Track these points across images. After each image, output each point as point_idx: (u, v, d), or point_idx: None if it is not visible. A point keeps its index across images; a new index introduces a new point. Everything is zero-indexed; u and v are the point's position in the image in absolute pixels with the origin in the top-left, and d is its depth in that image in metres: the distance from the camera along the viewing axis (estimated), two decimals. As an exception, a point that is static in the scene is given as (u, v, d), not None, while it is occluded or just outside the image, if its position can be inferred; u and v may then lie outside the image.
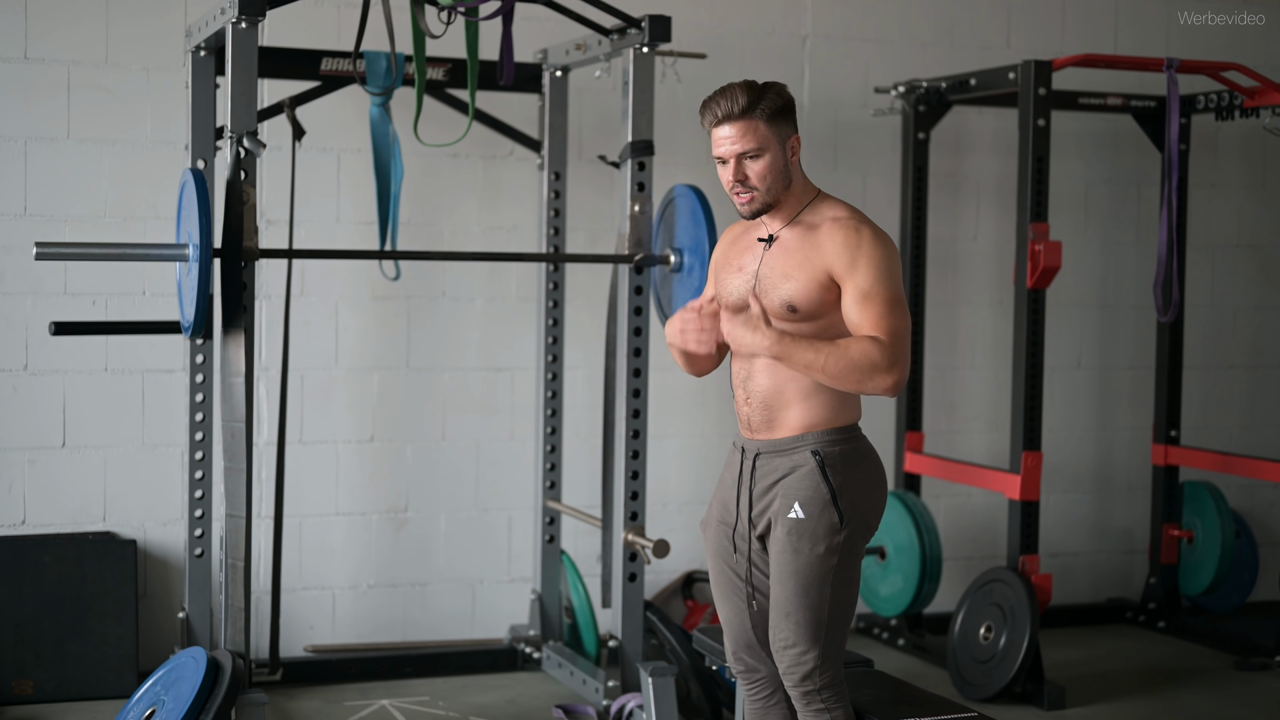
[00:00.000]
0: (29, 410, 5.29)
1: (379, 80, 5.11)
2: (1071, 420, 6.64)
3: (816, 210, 3.47)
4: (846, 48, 6.24)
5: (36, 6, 5.23)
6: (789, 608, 3.42)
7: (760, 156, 3.38)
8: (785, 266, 3.42)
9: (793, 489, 3.42)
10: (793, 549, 3.40)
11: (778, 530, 3.43)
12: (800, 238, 3.43)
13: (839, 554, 3.40)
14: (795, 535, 3.39)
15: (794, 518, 3.40)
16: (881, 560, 5.99)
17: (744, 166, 3.39)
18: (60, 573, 5.16)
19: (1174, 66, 5.50)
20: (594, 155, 5.67)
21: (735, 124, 3.37)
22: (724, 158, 3.41)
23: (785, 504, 3.42)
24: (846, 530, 3.40)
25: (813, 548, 3.39)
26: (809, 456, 3.41)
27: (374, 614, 5.73)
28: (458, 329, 5.77)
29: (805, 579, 3.40)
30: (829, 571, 3.40)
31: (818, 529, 3.38)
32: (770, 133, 3.38)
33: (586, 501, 5.81)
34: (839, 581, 3.42)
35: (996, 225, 6.45)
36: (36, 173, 5.26)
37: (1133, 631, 6.36)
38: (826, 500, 3.39)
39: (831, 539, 3.39)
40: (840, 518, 3.39)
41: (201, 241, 4.22)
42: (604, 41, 4.90)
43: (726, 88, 3.40)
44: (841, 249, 3.37)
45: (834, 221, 3.42)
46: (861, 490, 3.44)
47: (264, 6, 4.30)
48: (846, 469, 3.41)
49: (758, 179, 3.40)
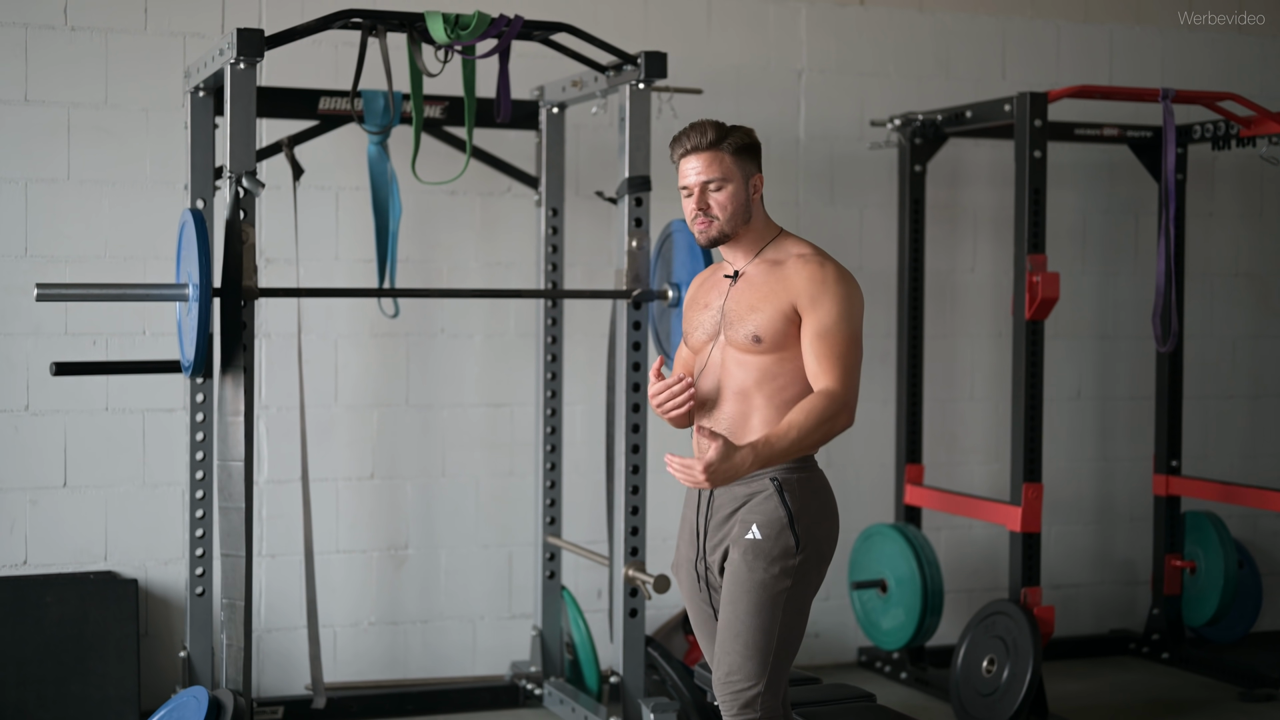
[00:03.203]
0: (30, 450, 5.30)
1: (377, 119, 5.14)
2: (1072, 451, 6.63)
3: (780, 247, 3.59)
4: (842, 81, 6.26)
5: (37, 49, 5.26)
6: (739, 628, 3.44)
7: (723, 187, 3.51)
8: (751, 300, 3.52)
9: (751, 513, 3.47)
10: (747, 568, 3.44)
11: (734, 553, 3.48)
12: (765, 273, 3.54)
13: (793, 578, 3.44)
14: (751, 555, 3.44)
15: (751, 539, 3.45)
16: (883, 593, 5.98)
17: (707, 195, 3.53)
18: (61, 613, 5.16)
19: (1169, 97, 5.52)
20: (591, 191, 5.69)
21: (702, 155, 3.52)
22: (689, 188, 3.54)
23: (743, 528, 3.47)
24: (801, 555, 3.45)
25: (767, 567, 3.43)
26: (768, 483, 3.47)
27: (375, 651, 5.72)
28: (457, 365, 5.78)
29: (758, 599, 3.43)
30: (781, 594, 3.44)
31: (774, 550, 3.44)
32: (735, 166, 3.52)
33: (587, 537, 5.80)
34: (790, 609, 3.45)
35: (994, 257, 6.47)
36: (37, 214, 5.28)
37: (1136, 663, 6.34)
38: (784, 523, 3.45)
39: (786, 561, 3.44)
40: (796, 541, 3.45)
41: (201, 281, 4.24)
42: (600, 78, 4.93)
43: (696, 123, 3.55)
44: (807, 283, 3.48)
45: (799, 258, 3.54)
46: (817, 518, 3.50)
47: (262, 47, 4.33)
48: (804, 495, 3.48)
49: (719, 208, 3.52)
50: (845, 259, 6.08)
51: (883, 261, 6.29)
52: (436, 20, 4.46)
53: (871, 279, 6.26)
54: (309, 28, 4.44)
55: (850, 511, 6.25)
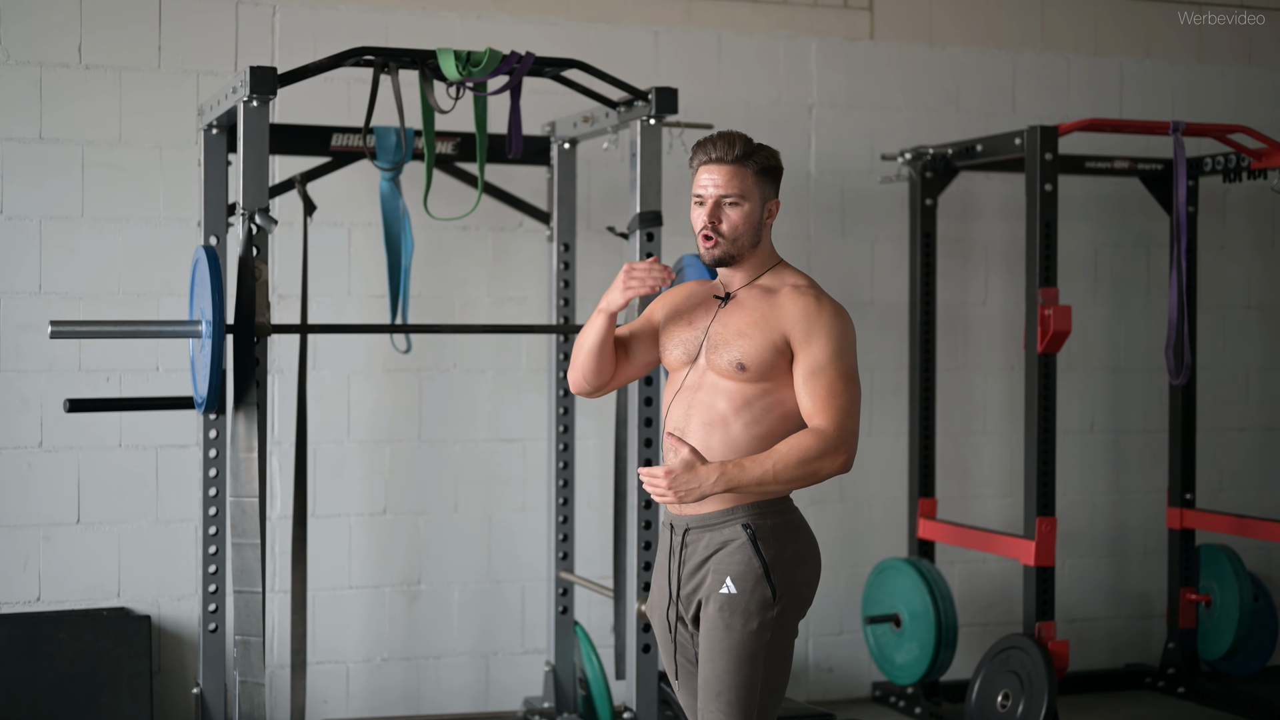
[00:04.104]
0: (43, 487, 5.31)
1: (389, 155, 5.15)
2: (1085, 484, 6.61)
3: (777, 275, 3.46)
4: (852, 116, 6.28)
5: (51, 87, 5.29)
6: (720, 687, 3.32)
7: (740, 205, 3.39)
8: (740, 325, 3.39)
9: (724, 564, 3.35)
10: (724, 625, 3.32)
11: (709, 608, 3.36)
12: (758, 299, 3.42)
13: (772, 630, 3.33)
14: (728, 611, 3.32)
15: (726, 593, 3.33)
16: (897, 628, 5.96)
17: (721, 210, 3.40)
18: (75, 649, 5.16)
19: (1180, 130, 5.53)
20: (603, 226, 5.71)
21: (725, 167, 3.39)
22: (704, 198, 3.41)
23: (717, 580, 3.35)
24: (779, 605, 3.33)
25: (745, 624, 3.31)
26: (740, 530, 3.35)
27: (388, 687, 5.71)
28: (469, 400, 5.79)
29: (737, 656, 3.31)
30: (761, 648, 3.32)
31: (750, 604, 3.31)
32: (755, 185, 3.40)
33: (600, 572, 5.79)
34: (771, 658, 3.34)
35: (1006, 290, 6.46)
36: (51, 251, 5.30)
37: (1152, 697, 6.31)
38: (759, 575, 3.32)
39: (764, 614, 3.32)
40: (773, 592, 3.32)
41: (214, 318, 4.25)
42: (611, 114, 4.94)
43: (725, 133, 3.42)
44: (800, 316, 3.36)
45: (794, 289, 3.41)
46: (794, 563, 3.37)
47: (275, 85, 4.34)
48: (779, 542, 3.35)
49: (729, 227, 3.39)
50: (857, 292, 6.19)
51: (894, 295, 6.29)
52: (448, 57, 4.48)
53: (883, 312, 6.26)
54: (321, 65, 4.46)
55: (863, 545, 6.24)
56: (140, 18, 5.40)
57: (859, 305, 6.14)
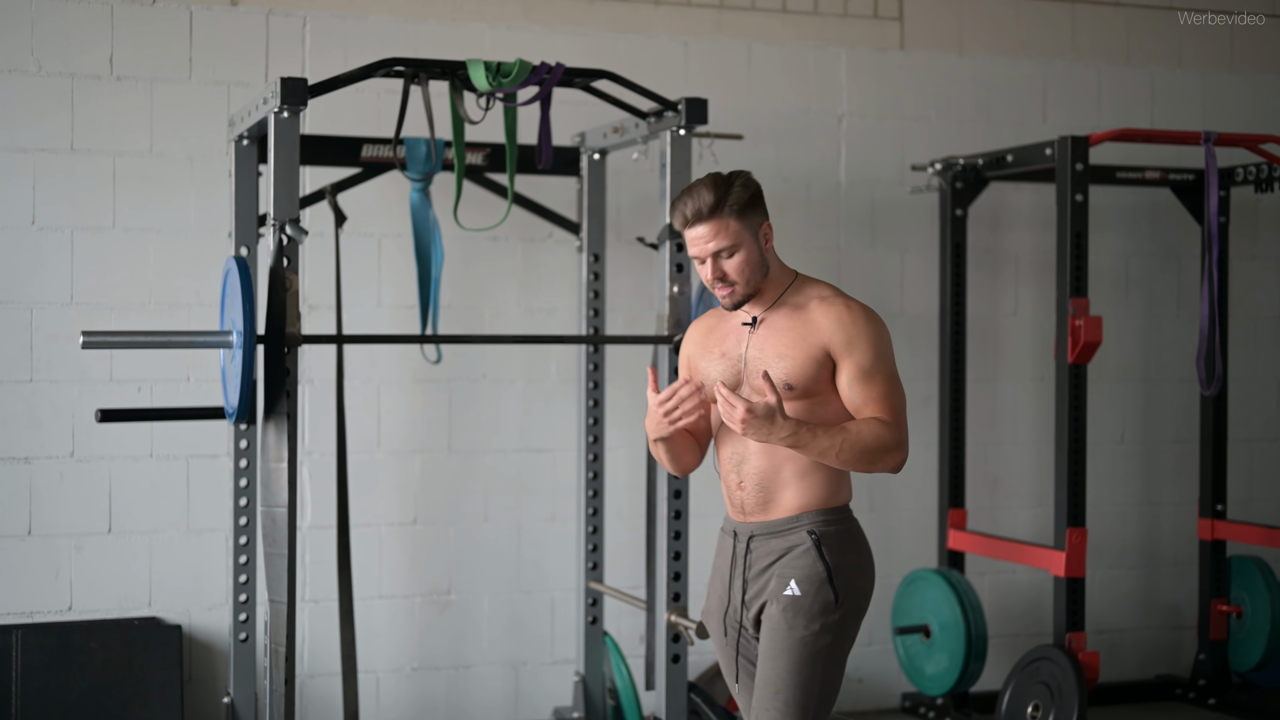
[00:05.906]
0: (75, 497, 5.33)
1: (419, 166, 5.16)
2: (1116, 495, 6.59)
3: (800, 291, 3.50)
4: (883, 126, 6.27)
5: (83, 98, 5.32)
6: (779, 684, 3.41)
7: (735, 253, 3.42)
8: (778, 347, 3.44)
9: (789, 568, 3.44)
10: (787, 625, 3.41)
11: (772, 609, 3.45)
12: (789, 317, 3.46)
13: (833, 633, 3.42)
14: (791, 612, 3.41)
15: (790, 595, 3.42)
16: (926, 639, 5.94)
17: (720, 264, 3.43)
18: (106, 659, 5.17)
19: (1212, 139, 5.50)
20: (632, 237, 5.71)
21: (706, 224, 3.40)
22: (700, 257, 3.44)
23: (781, 583, 3.44)
24: (841, 610, 3.43)
25: (808, 624, 3.40)
26: (805, 536, 3.44)
27: (417, 697, 5.71)
28: (499, 411, 5.79)
29: (797, 656, 3.40)
30: (821, 650, 3.41)
31: (813, 606, 3.41)
32: (741, 227, 3.41)
33: (629, 582, 5.79)
34: (830, 663, 3.43)
35: (1036, 300, 6.44)
36: (83, 261, 5.33)
37: (1183, 709, 6.28)
38: (823, 579, 3.42)
39: (826, 617, 3.41)
40: (836, 596, 3.42)
41: (245, 328, 4.26)
42: (641, 124, 4.94)
43: (693, 187, 3.42)
44: (837, 326, 3.41)
45: (821, 300, 3.46)
46: (854, 571, 3.47)
47: (305, 96, 4.35)
48: (842, 549, 3.45)
49: (736, 273, 3.43)
50: (887, 302, 6.18)
51: (924, 305, 6.28)
52: (478, 68, 4.49)
53: (913, 323, 6.25)
54: (352, 76, 4.47)
55: (893, 556, 6.22)
56: (172, 29, 5.42)
57: (889, 315, 6.12)
